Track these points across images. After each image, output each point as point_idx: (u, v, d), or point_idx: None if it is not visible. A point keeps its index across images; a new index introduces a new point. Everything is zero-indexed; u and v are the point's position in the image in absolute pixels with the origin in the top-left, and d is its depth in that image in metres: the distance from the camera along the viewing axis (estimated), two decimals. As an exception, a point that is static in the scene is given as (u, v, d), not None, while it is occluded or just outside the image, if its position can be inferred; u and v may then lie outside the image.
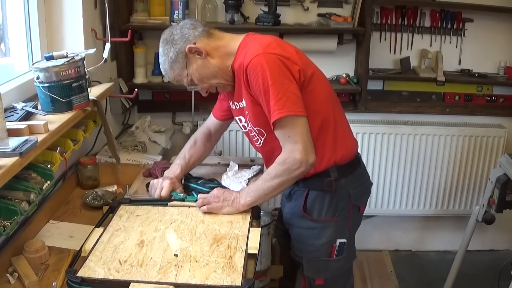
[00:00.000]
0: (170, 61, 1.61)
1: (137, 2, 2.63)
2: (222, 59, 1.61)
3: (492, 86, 3.00)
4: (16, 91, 1.77)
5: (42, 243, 1.50)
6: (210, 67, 1.60)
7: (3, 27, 1.91)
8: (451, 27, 2.89)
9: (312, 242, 1.71)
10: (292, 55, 1.55)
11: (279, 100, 1.47)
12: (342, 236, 1.70)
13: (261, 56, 1.48)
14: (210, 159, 2.24)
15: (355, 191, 1.70)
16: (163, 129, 2.84)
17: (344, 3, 2.83)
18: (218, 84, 1.65)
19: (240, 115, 1.71)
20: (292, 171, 1.53)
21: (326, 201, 1.67)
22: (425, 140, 2.96)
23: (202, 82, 1.63)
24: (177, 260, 1.39)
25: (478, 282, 2.95)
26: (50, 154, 1.65)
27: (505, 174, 2.27)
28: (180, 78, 1.64)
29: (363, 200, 1.78)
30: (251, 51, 1.52)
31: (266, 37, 1.60)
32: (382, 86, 2.99)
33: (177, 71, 1.62)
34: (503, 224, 3.13)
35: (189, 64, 1.60)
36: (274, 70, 1.48)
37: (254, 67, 1.49)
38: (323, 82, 1.67)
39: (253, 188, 1.62)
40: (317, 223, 1.69)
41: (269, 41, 1.56)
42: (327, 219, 1.68)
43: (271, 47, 1.52)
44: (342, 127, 1.69)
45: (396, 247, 3.34)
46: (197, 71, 1.60)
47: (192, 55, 1.59)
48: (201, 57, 1.59)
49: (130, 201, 1.72)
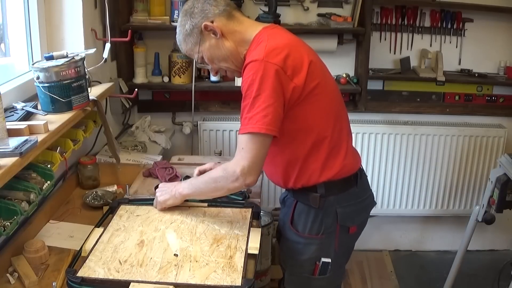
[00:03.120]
0: (185, 33, 1.55)
1: (137, 2, 2.63)
2: (236, 44, 1.55)
3: (492, 86, 3.00)
4: (16, 91, 1.77)
5: (42, 243, 1.50)
6: (223, 49, 1.55)
7: (3, 27, 1.91)
8: (451, 27, 2.89)
9: (296, 257, 1.64)
10: (296, 66, 1.45)
11: (256, 114, 1.40)
12: (326, 255, 1.61)
13: (259, 63, 1.41)
14: (210, 159, 2.24)
15: (345, 210, 1.59)
16: (163, 129, 2.85)
17: (344, 3, 2.83)
18: (228, 68, 1.60)
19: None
20: (228, 182, 1.47)
21: (311, 217, 1.60)
22: (425, 140, 2.96)
23: (212, 62, 1.59)
24: (177, 260, 1.39)
25: (478, 282, 2.95)
26: (50, 154, 1.65)
27: (505, 174, 2.27)
28: (191, 52, 1.59)
29: (354, 221, 1.65)
30: (256, 52, 1.46)
31: (279, 37, 1.51)
32: (382, 86, 2.99)
33: (190, 45, 1.57)
34: (503, 224, 3.13)
35: (203, 41, 1.54)
36: (264, 82, 1.40)
37: (248, 70, 1.44)
38: (327, 96, 1.55)
39: (194, 182, 1.60)
40: (301, 238, 1.62)
41: (279, 44, 1.46)
42: (311, 235, 1.60)
43: (276, 53, 1.43)
44: (340, 145, 1.58)
45: (396, 247, 3.35)
46: (208, 50, 1.55)
47: (207, 32, 1.53)
48: (215, 37, 1.53)
49: (128, 201, 1.72)
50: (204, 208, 1.69)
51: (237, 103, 2.87)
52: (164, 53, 2.79)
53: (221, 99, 2.95)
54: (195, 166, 2.13)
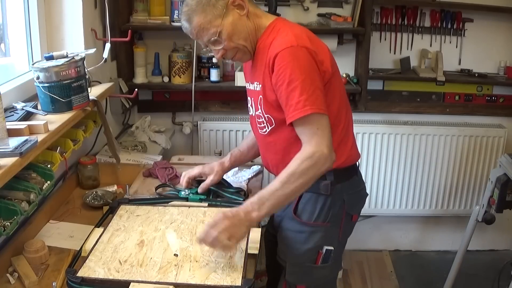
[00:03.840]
0: (207, 3, 1.46)
1: (137, 2, 2.63)
2: (255, 26, 1.53)
3: (492, 86, 3.00)
4: (16, 91, 1.77)
5: (42, 243, 1.50)
6: (246, 26, 1.51)
7: (3, 27, 1.91)
8: (451, 27, 2.89)
9: (299, 246, 1.62)
10: (322, 50, 1.50)
11: (309, 96, 1.41)
12: (330, 244, 1.61)
13: (295, 48, 1.42)
14: (210, 159, 2.24)
15: (350, 198, 1.63)
16: (163, 129, 2.85)
17: (344, 3, 2.83)
18: (245, 48, 1.54)
19: (252, 96, 1.64)
20: (320, 167, 1.43)
21: (319, 204, 1.59)
22: (425, 140, 2.96)
23: (230, 40, 1.50)
24: (177, 260, 1.39)
25: (478, 282, 2.95)
26: (50, 154, 1.65)
27: (505, 174, 2.27)
28: (207, 26, 1.48)
29: (357, 209, 1.70)
30: (284, 40, 1.45)
31: (297, 26, 1.55)
32: (382, 86, 2.99)
33: (209, 17, 1.47)
34: (503, 224, 3.13)
35: (227, 15, 1.47)
36: (305, 65, 1.42)
37: (285, 57, 1.42)
38: (341, 84, 1.61)
39: (267, 195, 1.42)
40: (306, 226, 1.61)
41: (301, 31, 1.49)
42: (317, 223, 1.60)
43: (303, 39, 1.46)
44: (349, 133, 1.63)
45: (396, 247, 3.34)
46: (231, 25, 1.48)
47: (232, 7, 1.48)
48: (241, 13, 1.49)
49: (129, 201, 1.72)
50: (204, 208, 1.69)
51: (237, 103, 2.93)
52: (164, 53, 2.79)
53: (221, 99, 2.95)
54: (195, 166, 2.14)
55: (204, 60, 2.79)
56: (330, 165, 1.46)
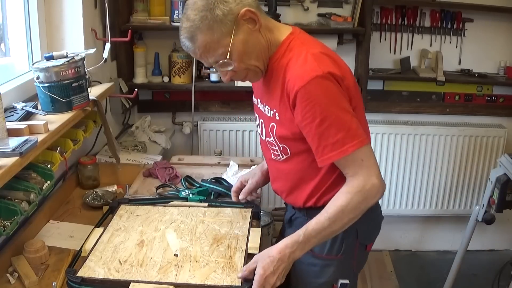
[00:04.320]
0: (214, 19, 1.24)
1: (137, 2, 2.63)
2: (268, 43, 1.33)
3: (492, 86, 3.00)
4: (16, 91, 1.77)
5: (42, 243, 1.50)
6: (258, 44, 1.31)
7: (3, 27, 1.91)
8: (451, 27, 2.89)
9: (311, 280, 1.50)
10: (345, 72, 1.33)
11: (347, 132, 1.25)
12: (345, 277, 1.47)
13: (320, 79, 1.23)
14: (210, 159, 2.25)
15: (364, 228, 1.46)
16: (163, 129, 2.85)
17: (344, 3, 2.83)
18: (256, 69, 1.35)
19: (262, 118, 1.48)
20: (371, 200, 1.30)
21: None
22: (425, 140, 2.96)
23: (241, 60, 1.30)
24: (177, 260, 1.39)
25: (478, 282, 2.95)
26: (50, 154, 1.65)
27: (505, 174, 2.27)
28: (214, 46, 1.27)
29: (371, 238, 1.55)
30: (304, 68, 1.26)
31: (313, 44, 1.35)
32: (382, 86, 2.99)
33: (217, 35, 1.25)
34: (503, 224, 3.13)
35: (237, 32, 1.26)
36: (336, 97, 1.25)
37: (311, 92, 1.24)
38: (362, 107, 1.41)
39: (314, 234, 1.30)
40: (318, 259, 1.47)
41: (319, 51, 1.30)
42: (329, 256, 1.46)
43: (325, 62, 1.27)
44: None
45: (396, 247, 3.34)
46: (242, 44, 1.28)
47: (243, 21, 1.27)
48: (253, 28, 1.28)
49: (129, 201, 1.72)
50: (204, 208, 1.69)
51: (237, 103, 2.93)
52: (164, 53, 2.79)
53: (221, 99, 2.95)
54: (195, 166, 2.14)
55: (204, 60, 2.79)
56: (382, 194, 1.33)
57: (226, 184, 1.90)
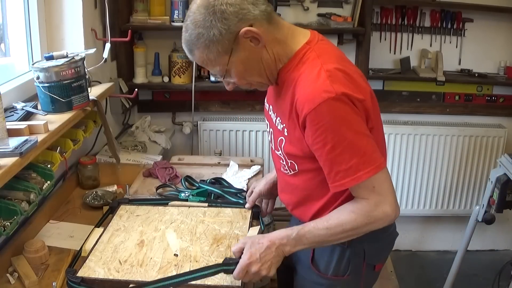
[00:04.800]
0: (210, 38, 1.17)
1: (137, 2, 2.63)
2: (275, 57, 1.25)
3: (492, 86, 3.00)
4: (16, 91, 1.77)
5: (42, 243, 1.50)
6: (261, 62, 1.24)
7: (3, 27, 1.91)
8: (451, 27, 2.89)
9: None
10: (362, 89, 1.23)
11: (361, 157, 1.18)
12: None
13: (332, 101, 1.13)
14: (210, 159, 2.24)
15: (371, 247, 1.39)
16: (163, 129, 2.85)
17: (344, 3, 2.83)
18: (259, 83, 1.31)
19: (271, 128, 1.41)
20: (376, 225, 1.24)
21: (335, 255, 1.39)
22: (425, 140, 2.96)
23: (241, 77, 1.26)
24: (177, 260, 1.39)
25: (478, 282, 2.95)
26: (50, 154, 1.65)
27: (505, 174, 2.27)
28: (211, 63, 1.23)
29: (380, 258, 1.46)
30: (315, 87, 1.16)
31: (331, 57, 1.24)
32: (382, 86, 2.99)
33: (213, 54, 1.20)
34: (503, 224, 3.13)
35: (236, 50, 1.20)
36: (350, 120, 1.17)
37: (323, 116, 1.15)
38: (378, 117, 1.34)
39: (308, 236, 1.26)
40: (324, 279, 1.41)
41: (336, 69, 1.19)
42: (334, 277, 1.40)
43: (339, 80, 1.17)
44: None
45: (396, 247, 3.31)
46: (242, 63, 1.22)
47: (245, 40, 1.18)
48: (255, 46, 1.20)
49: (128, 201, 1.72)
50: (204, 208, 1.69)
51: (237, 103, 2.93)
52: (164, 53, 2.79)
53: (221, 99, 2.95)
54: (195, 166, 2.14)
55: (204, 60, 2.79)
56: (393, 221, 1.28)
57: (226, 184, 1.90)
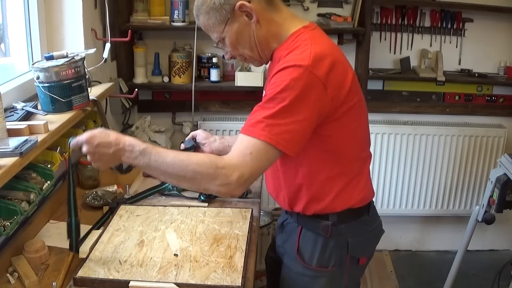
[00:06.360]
0: (211, 6, 1.30)
1: (137, 2, 2.63)
2: (269, 35, 1.34)
3: (492, 86, 3.00)
4: (16, 91, 1.77)
5: (42, 243, 1.50)
6: (252, 36, 1.33)
7: (3, 27, 1.91)
8: (451, 27, 2.89)
9: None
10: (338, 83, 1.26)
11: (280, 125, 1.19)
12: None
13: (302, 70, 1.20)
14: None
15: (355, 240, 1.43)
16: (163, 129, 2.85)
17: (344, 3, 2.83)
18: (250, 57, 1.40)
19: None
20: (212, 184, 1.20)
21: (318, 246, 1.42)
22: (425, 140, 2.96)
23: (234, 47, 1.36)
24: (177, 260, 1.39)
25: (478, 282, 2.95)
26: (50, 154, 1.65)
27: (505, 174, 2.27)
28: (211, 29, 1.36)
29: (365, 252, 1.50)
30: (297, 56, 1.24)
31: (324, 43, 1.32)
32: (382, 86, 2.99)
33: (213, 20, 1.32)
34: (503, 224, 3.13)
35: (232, 21, 1.31)
36: (302, 95, 1.20)
37: (288, 73, 1.21)
38: (361, 118, 1.39)
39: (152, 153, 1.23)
40: (309, 270, 1.44)
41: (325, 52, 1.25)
42: (318, 268, 1.43)
43: (321, 65, 1.22)
44: (362, 172, 1.43)
45: (396, 247, 3.34)
46: (236, 34, 1.33)
47: (240, 13, 1.30)
48: (248, 21, 1.31)
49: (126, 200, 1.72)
50: (204, 208, 1.69)
51: (237, 103, 2.93)
52: (164, 53, 2.79)
53: (221, 99, 2.95)
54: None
55: (204, 60, 2.79)
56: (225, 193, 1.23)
57: None
